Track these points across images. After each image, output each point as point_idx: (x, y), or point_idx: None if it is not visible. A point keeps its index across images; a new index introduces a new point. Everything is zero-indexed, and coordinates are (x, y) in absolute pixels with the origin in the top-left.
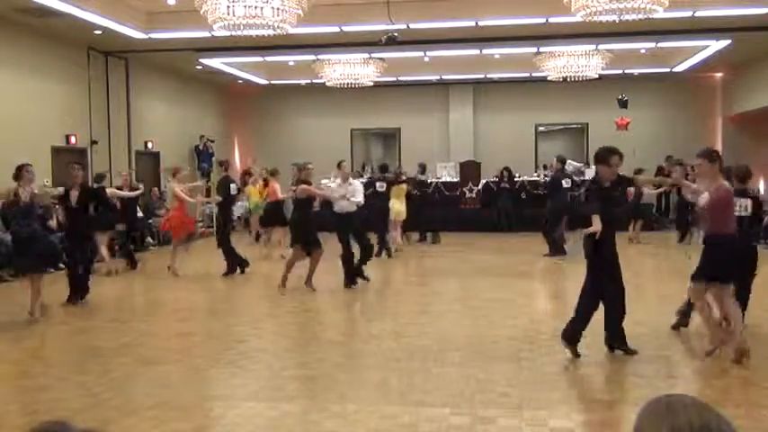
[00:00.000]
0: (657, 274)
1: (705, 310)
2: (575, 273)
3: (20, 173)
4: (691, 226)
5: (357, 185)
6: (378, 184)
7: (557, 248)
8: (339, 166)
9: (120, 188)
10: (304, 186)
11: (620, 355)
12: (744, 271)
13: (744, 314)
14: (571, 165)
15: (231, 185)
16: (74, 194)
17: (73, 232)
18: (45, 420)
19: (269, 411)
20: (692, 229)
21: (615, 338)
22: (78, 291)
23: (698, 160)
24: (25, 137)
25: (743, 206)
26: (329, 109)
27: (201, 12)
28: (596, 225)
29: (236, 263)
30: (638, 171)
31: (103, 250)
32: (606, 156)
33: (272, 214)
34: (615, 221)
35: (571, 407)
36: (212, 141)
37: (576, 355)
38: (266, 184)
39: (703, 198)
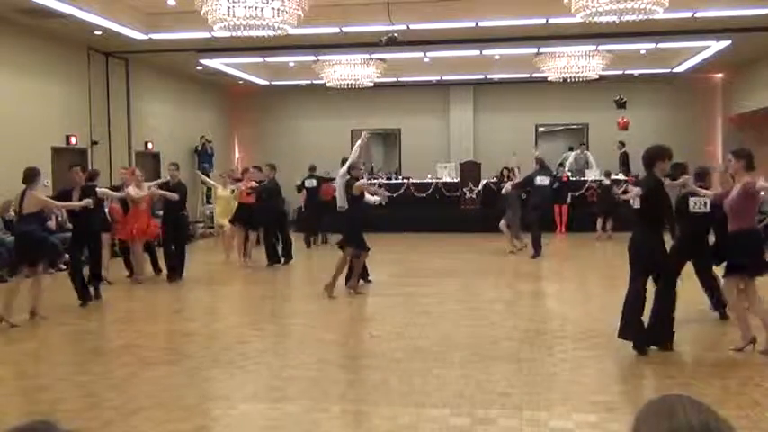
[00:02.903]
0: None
1: (738, 306)
2: (575, 273)
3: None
4: None
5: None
6: (307, 181)
7: (537, 247)
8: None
9: (117, 188)
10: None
11: (620, 356)
12: None
13: None
14: (573, 163)
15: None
16: (75, 196)
17: (77, 234)
18: (30, 419)
19: (269, 412)
20: None
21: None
22: (87, 292)
23: (729, 156)
24: (25, 137)
25: None
26: (329, 110)
27: (202, 13)
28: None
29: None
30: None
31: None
32: (668, 152)
33: (242, 216)
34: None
35: (571, 407)
36: (210, 142)
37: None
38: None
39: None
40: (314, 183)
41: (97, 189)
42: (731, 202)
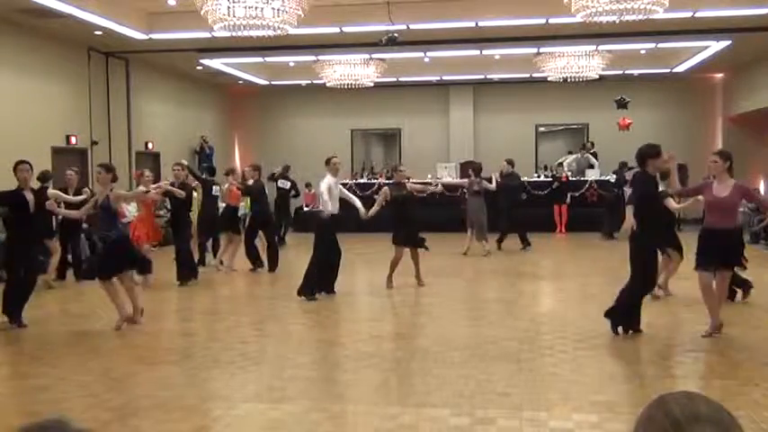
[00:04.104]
0: None
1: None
2: (575, 273)
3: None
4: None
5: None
6: (280, 181)
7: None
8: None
9: (63, 190)
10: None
11: (620, 356)
12: None
13: None
14: (573, 164)
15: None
16: (29, 197)
17: (26, 238)
18: (43, 418)
19: (269, 412)
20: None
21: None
22: (21, 304)
23: (713, 157)
24: (25, 137)
25: None
26: (329, 109)
27: (202, 12)
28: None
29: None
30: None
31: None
32: (659, 150)
33: (229, 219)
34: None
35: (571, 407)
36: (207, 142)
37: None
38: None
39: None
40: (287, 184)
41: (48, 191)
42: (721, 200)
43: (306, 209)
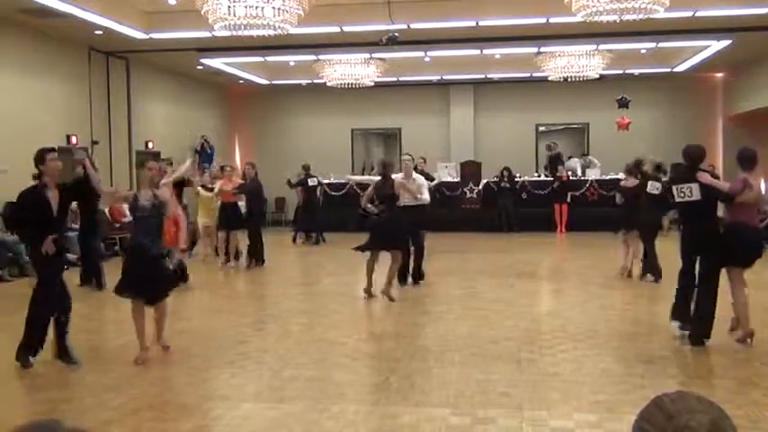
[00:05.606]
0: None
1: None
2: (574, 273)
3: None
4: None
5: (421, 181)
6: (310, 180)
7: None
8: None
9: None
10: (400, 182)
11: (620, 355)
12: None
13: None
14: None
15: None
16: (53, 196)
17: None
18: (35, 418)
19: (269, 411)
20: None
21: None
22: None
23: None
24: (26, 136)
25: None
26: (330, 109)
27: (202, 12)
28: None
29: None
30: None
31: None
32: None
33: (228, 216)
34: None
35: (571, 407)
36: (207, 142)
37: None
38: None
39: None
40: (315, 181)
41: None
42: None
43: None
